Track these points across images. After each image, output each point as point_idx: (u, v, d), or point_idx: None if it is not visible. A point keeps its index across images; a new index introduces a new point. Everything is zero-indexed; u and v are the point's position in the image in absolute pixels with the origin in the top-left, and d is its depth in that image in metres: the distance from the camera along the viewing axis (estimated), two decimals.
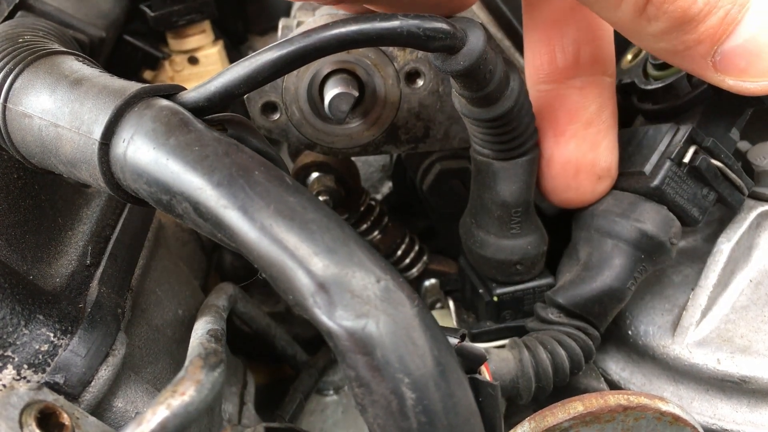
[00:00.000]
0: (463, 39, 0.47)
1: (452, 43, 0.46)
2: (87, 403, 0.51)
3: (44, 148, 0.44)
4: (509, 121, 0.57)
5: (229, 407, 0.69)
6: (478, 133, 0.60)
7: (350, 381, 0.33)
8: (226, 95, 0.41)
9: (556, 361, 0.61)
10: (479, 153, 0.63)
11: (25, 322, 0.50)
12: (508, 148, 0.60)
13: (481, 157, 0.62)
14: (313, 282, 0.32)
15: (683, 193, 0.62)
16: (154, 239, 0.69)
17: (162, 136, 0.37)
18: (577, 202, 0.64)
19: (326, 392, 0.83)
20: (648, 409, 0.46)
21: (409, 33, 0.44)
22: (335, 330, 0.32)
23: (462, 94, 0.55)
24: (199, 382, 0.45)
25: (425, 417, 0.32)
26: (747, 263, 0.69)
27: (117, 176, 0.40)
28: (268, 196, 0.34)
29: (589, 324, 0.63)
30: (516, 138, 0.59)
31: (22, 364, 0.49)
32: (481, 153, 0.62)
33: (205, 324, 0.57)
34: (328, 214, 0.35)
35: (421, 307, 0.35)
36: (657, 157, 0.61)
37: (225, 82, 0.41)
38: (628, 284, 0.62)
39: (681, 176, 0.61)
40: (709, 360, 0.64)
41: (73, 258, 0.58)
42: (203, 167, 0.35)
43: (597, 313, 0.62)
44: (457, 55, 0.47)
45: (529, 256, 0.67)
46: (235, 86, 0.41)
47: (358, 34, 0.43)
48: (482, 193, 0.65)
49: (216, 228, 0.35)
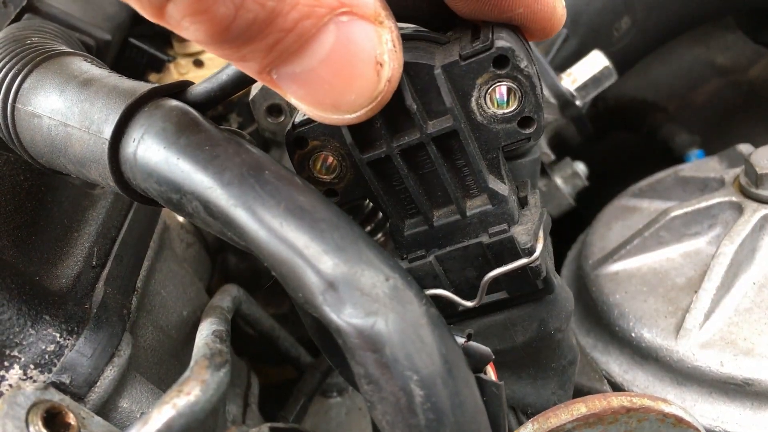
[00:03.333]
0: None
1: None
2: (93, 403, 0.51)
3: (53, 147, 0.44)
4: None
5: (233, 408, 0.70)
6: None
7: (359, 378, 0.33)
8: (239, 83, 0.41)
9: None
10: None
11: (32, 323, 0.50)
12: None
13: None
14: (322, 280, 0.33)
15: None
16: (159, 241, 0.70)
17: (172, 135, 0.37)
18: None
19: (330, 394, 0.83)
20: (651, 410, 0.46)
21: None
22: (344, 327, 0.32)
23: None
24: (204, 382, 0.46)
25: (433, 414, 0.32)
26: (750, 266, 0.69)
27: (127, 175, 0.40)
28: (278, 195, 0.34)
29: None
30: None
31: (29, 364, 0.49)
32: None
33: (209, 325, 0.58)
34: (338, 214, 0.35)
35: (429, 305, 0.35)
36: None
37: (236, 70, 0.42)
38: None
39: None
40: (713, 362, 0.64)
41: (79, 259, 0.58)
42: (214, 166, 0.35)
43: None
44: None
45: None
46: (244, 76, 0.41)
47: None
48: None
49: (226, 227, 0.35)
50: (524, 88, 0.41)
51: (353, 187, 0.45)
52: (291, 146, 0.44)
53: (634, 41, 1.08)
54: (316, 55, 0.32)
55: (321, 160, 0.44)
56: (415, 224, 0.47)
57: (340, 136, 0.42)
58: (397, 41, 0.34)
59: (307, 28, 0.32)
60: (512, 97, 0.41)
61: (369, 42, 0.33)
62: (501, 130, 0.43)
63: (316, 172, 0.44)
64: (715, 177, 0.81)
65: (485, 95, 0.41)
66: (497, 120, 0.42)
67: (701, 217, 0.76)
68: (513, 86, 0.41)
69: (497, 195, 0.45)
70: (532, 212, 0.48)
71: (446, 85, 0.41)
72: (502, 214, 0.46)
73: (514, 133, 0.43)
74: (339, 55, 0.33)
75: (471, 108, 0.42)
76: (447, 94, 0.41)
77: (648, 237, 0.77)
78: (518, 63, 0.40)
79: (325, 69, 0.33)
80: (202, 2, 0.30)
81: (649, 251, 0.77)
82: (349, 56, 0.33)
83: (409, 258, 0.47)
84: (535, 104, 0.41)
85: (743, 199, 0.73)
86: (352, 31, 0.32)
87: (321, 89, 0.34)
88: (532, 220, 0.47)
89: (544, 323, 0.51)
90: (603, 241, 0.84)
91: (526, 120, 0.42)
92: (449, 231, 0.46)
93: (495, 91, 0.41)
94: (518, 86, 0.41)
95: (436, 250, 0.47)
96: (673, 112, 1.32)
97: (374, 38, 0.33)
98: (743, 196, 0.74)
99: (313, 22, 0.31)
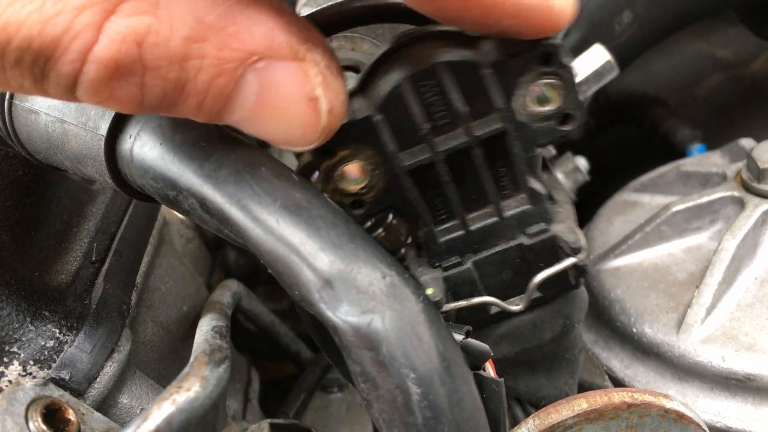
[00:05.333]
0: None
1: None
2: (92, 399, 0.51)
3: (50, 144, 0.44)
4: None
5: (233, 404, 0.70)
6: None
7: (356, 376, 0.33)
8: None
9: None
10: None
11: (31, 319, 0.50)
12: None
13: None
14: (318, 277, 0.32)
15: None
16: (159, 236, 0.70)
17: (168, 132, 0.37)
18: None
19: (331, 389, 0.83)
20: (652, 406, 0.46)
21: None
22: (341, 325, 0.32)
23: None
24: (204, 378, 0.46)
25: (430, 412, 0.32)
26: (752, 261, 0.69)
27: (123, 172, 0.40)
28: (274, 192, 0.34)
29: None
30: None
31: (28, 360, 0.49)
32: None
33: (209, 321, 0.58)
34: (334, 210, 0.35)
35: (426, 303, 0.35)
36: None
37: None
38: None
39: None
40: (714, 357, 0.64)
41: (78, 255, 0.58)
42: (210, 163, 0.35)
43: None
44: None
45: None
46: None
47: (364, 9, 0.43)
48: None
49: (222, 224, 0.35)
50: (567, 84, 0.40)
51: (383, 197, 0.43)
52: (316, 158, 0.41)
53: (636, 35, 1.07)
54: (245, 105, 0.31)
55: (349, 170, 0.41)
56: (449, 230, 0.45)
57: (377, 143, 0.40)
58: (327, 71, 0.33)
59: (223, 85, 0.30)
60: (554, 94, 0.41)
61: (294, 81, 0.32)
62: (541, 128, 0.42)
63: (343, 183, 0.42)
64: (716, 172, 0.81)
65: (528, 93, 0.40)
66: (538, 118, 0.41)
67: (703, 212, 0.75)
68: (556, 83, 0.40)
69: (536, 194, 0.44)
70: (565, 209, 0.47)
71: (496, 85, 0.39)
72: (540, 214, 0.45)
73: (552, 130, 0.42)
74: (268, 101, 0.32)
75: (513, 107, 0.41)
76: (496, 94, 0.40)
77: (649, 232, 0.76)
78: (563, 59, 0.39)
79: (261, 115, 0.32)
80: (102, 92, 0.29)
81: (651, 246, 0.77)
82: (279, 101, 0.32)
83: (443, 266, 0.46)
84: (576, 101, 0.41)
85: (745, 194, 0.73)
86: (273, 75, 0.31)
87: (266, 131, 0.33)
88: (569, 217, 0.46)
89: (569, 318, 0.51)
90: (604, 236, 0.83)
91: (566, 117, 0.42)
92: (485, 234, 0.45)
93: (538, 88, 0.40)
94: (562, 83, 0.40)
95: (472, 255, 0.46)
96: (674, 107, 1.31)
97: (299, 76, 0.32)
98: (745, 191, 0.73)
99: (226, 78, 0.30)
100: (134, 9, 0.28)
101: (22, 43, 0.28)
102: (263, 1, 0.32)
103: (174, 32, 0.29)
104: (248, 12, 0.31)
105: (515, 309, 0.47)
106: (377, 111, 0.39)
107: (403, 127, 0.40)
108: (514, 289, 0.47)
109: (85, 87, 0.29)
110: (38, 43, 0.28)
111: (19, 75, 0.29)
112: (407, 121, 0.40)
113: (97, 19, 0.28)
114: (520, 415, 0.57)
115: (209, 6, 0.30)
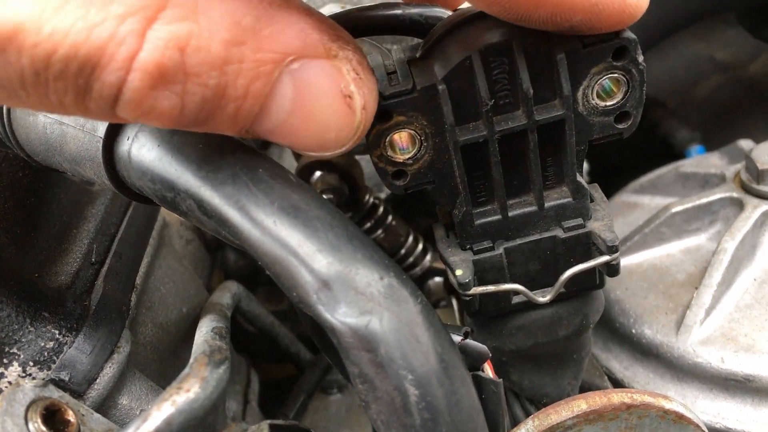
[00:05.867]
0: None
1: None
2: (92, 400, 0.51)
3: (49, 145, 0.44)
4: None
5: (233, 405, 0.70)
6: None
7: (354, 377, 0.33)
8: None
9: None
10: None
11: (31, 320, 0.50)
12: None
13: None
14: (316, 279, 0.32)
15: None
16: (159, 237, 0.70)
17: (166, 133, 0.37)
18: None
19: (330, 391, 0.83)
20: (652, 407, 0.46)
21: (411, 21, 0.44)
22: (339, 327, 0.32)
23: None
24: (203, 379, 0.46)
25: (428, 413, 0.32)
26: (751, 262, 0.69)
27: (121, 174, 0.40)
28: (272, 194, 0.34)
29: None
30: None
31: (28, 362, 0.49)
32: None
33: (209, 322, 0.58)
34: (332, 212, 0.35)
35: (424, 304, 0.35)
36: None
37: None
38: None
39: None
40: (713, 358, 0.64)
41: (78, 256, 0.58)
42: (207, 165, 0.35)
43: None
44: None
45: None
46: None
47: (362, 20, 0.44)
48: None
49: (220, 225, 0.35)
50: (634, 82, 0.40)
51: (426, 171, 0.42)
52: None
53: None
54: (282, 110, 0.32)
55: (399, 138, 0.41)
56: (485, 213, 0.45)
57: (435, 114, 0.40)
58: (359, 67, 0.33)
59: (260, 89, 0.31)
60: (618, 89, 0.40)
61: (329, 79, 0.32)
62: (598, 122, 0.41)
63: (391, 150, 0.41)
64: (715, 173, 0.81)
65: (592, 85, 0.40)
66: (597, 112, 0.41)
67: (702, 213, 0.75)
68: (623, 79, 0.40)
69: (581, 188, 0.44)
70: (602, 207, 0.47)
71: (566, 72, 0.39)
72: (580, 209, 0.44)
73: (608, 126, 0.42)
74: (304, 103, 0.32)
75: (576, 97, 0.40)
76: (566, 81, 0.39)
77: (648, 233, 0.77)
78: (636, 56, 0.39)
79: (297, 119, 0.32)
80: (144, 103, 0.29)
81: (650, 247, 0.77)
82: (315, 100, 0.32)
83: (474, 249, 0.45)
84: (638, 100, 0.40)
85: (744, 195, 0.73)
86: (308, 75, 0.31)
87: (301, 137, 0.33)
88: (606, 216, 0.46)
89: (586, 318, 0.51)
90: None
91: (624, 115, 0.41)
92: (522, 222, 0.45)
93: (604, 81, 0.40)
94: (629, 79, 0.40)
95: (503, 241, 0.45)
96: (673, 108, 1.31)
97: (333, 74, 0.32)
98: (744, 192, 0.74)
99: (263, 82, 0.30)
100: (175, 16, 0.28)
101: (69, 51, 0.27)
102: (293, 2, 0.32)
103: (214, 36, 0.29)
104: (281, 13, 0.31)
105: (542, 300, 0.46)
106: (442, 80, 0.39)
107: (465, 100, 0.39)
108: (538, 281, 0.47)
109: (128, 98, 0.29)
110: (85, 51, 0.27)
111: (62, 88, 0.29)
112: (470, 95, 0.39)
113: (140, 26, 0.28)
114: (520, 414, 0.57)
115: (245, 8, 0.30)
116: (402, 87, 0.39)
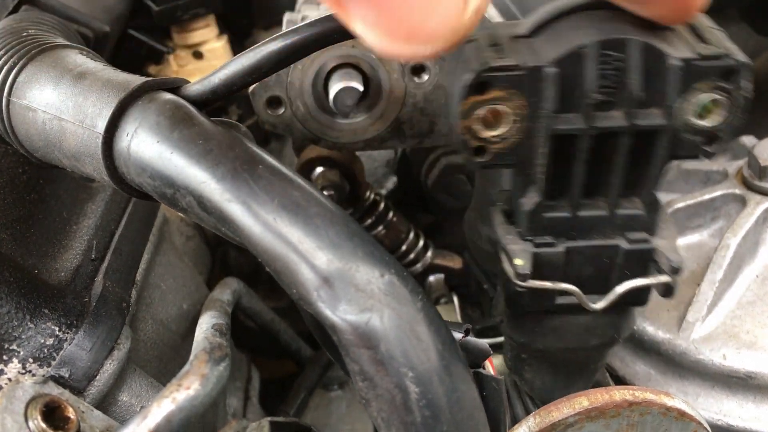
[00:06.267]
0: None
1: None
2: (92, 397, 0.51)
3: (48, 141, 0.44)
4: None
5: (233, 402, 0.70)
6: None
7: (354, 375, 0.33)
8: (231, 86, 0.41)
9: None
10: None
11: (30, 317, 0.50)
12: None
13: None
14: (317, 276, 0.32)
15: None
16: (159, 234, 0.70)
17: (166, 129, 0.37)
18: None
19: (331, 387, 0.83)
20: (653, 404, 0.46)
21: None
22: (339, 324, 0.32)
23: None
24: (204, 376, 0.46)
25: (429, 411, 0.32)
26: (753, 259, 0.69)
27: (121, 170, 0.40)
28: (272, 190, 0.34)
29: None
30: None
31: (28, 358, 0.49)
32: None
33: (209, 318, 0.58)
34: (333, 209, 0.35)
35: (425, 301, 0.35)
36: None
37: (229, 73, 0.41)
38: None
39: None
40: (715, 355, 0.63)
41: (78, 252, 0.58)
42: (207, 161, 0.35)
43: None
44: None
45: None
46: (240, 77, 0.41)
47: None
48: (487, 188, 0.64)
49: (220, 222, 0.35)
50: (735, 108, 0.38)
51: (509, 152, 0.40)
52: (467, 89, 0.38)
53: None
54: None
55: (492, 114, 0.39)
56: (555, 208, 0.43)
57: (535, 96, 0.38)
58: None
59: None
60: (717, 111, 0.39)
61: None
62: (688, 140, 0.40)
63: (479, 124, 0.39)
64: (717, 169, 0.80)
65: (693, 100, 0.39)
66: (690, 129, 0.40)
67: (704, 209, 0.75)
68: (724, 101, 0.38)
69: (655, 204, 0.43)
70: (668, 226, 0.45)
71: (676, 81, 0.38)
72: (649, 223, 0.43)
73: (696, 147, 0.40)
74: None
75: (674, 109, 0.39)
76: (673, 90, 0.38)
77: None
78: (742, 81, 0.38)
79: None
80: None
81: None
82: None
83: (536, 242, 0.44)
84: (734, 127, 0.39)
85: (746, 191, 0.73)
86: None
87: (397, 12, 0.28)
88: (672, 236, 0.45)
89: (618, 332, 0.50)
90: None
91: (715, 138, 0.40)
92: (589, 225, 0.44)
93: (704, 99, 0.38)
94: (731, 104, 0.38)
95: (565, 240, 0.44)
96: None
97: None
98: (746, 189, 0.73)
99: None
100: None
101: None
102: None
103: None
104: None
105: (594, 307, 0.45)
106: (552, 64, 0.37)
107: (570, 89, 0.38)
108: (587, 287, 0.46)
109: None
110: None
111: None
112: (574, 85, 0.38)
113: None
114: (521, 413, 0.57)
115: None
116: (508, 62, 0.37)
